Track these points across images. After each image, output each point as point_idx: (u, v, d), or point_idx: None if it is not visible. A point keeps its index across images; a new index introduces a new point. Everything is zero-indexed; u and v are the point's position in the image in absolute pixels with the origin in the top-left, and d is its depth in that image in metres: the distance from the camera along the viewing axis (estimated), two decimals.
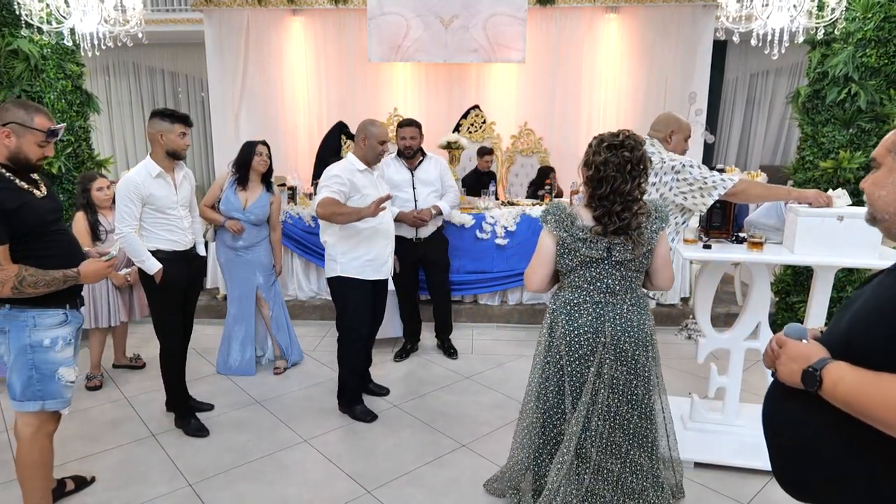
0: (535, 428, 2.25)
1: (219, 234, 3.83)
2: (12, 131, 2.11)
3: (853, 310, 1.11)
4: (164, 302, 3.03)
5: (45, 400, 2.20)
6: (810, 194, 2.66)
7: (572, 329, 2.10)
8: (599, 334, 2.08)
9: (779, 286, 4.49)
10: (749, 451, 2.78)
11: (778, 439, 1.18)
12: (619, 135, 2.01)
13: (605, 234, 2.01)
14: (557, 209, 2.10)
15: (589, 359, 2.09)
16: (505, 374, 3.91)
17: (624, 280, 2.08)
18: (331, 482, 2.74)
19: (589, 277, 2.08)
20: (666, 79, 6.67)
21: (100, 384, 3.73)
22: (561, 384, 2.17)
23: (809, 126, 4.27)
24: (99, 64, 8.76)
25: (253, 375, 3.91)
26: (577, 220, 2.05)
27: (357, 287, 3.20)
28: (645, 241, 2.04)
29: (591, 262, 2.06)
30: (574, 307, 2.11)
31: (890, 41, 3.87)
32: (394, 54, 6.23)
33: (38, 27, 3.86)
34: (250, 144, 3.75)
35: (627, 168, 1.97)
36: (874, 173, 1.17)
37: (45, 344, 2.17)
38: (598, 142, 2.02)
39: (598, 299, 2.09)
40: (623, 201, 1.98)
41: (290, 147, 7.06)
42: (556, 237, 2.08)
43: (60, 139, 4.35)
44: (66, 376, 2.23)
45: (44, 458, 2.31)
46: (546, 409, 2.22)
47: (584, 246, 2.02)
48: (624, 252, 2.03)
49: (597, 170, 1.99)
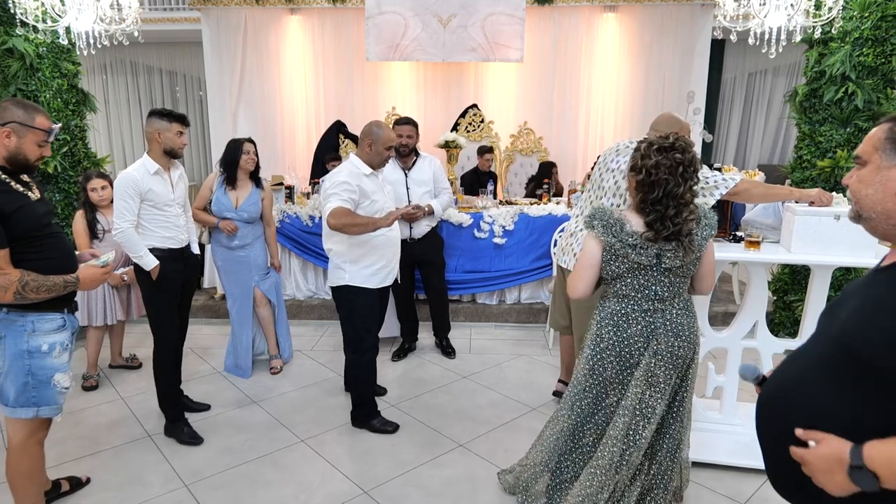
0: (565, 434, 2.23)
1: (213, 235, 3.82)
2: (12, 131, 2.07)
3: (843, 316, 1.10)
4: (160, 299, 3.02)
5: (39, 406, 2.15)
6: (813, 193, 2.65)
7: (621, 340, 2.05)
8: (651, 342, 2.03)
9: (776, 285, 4.49)
10: (746, 451, 2.78)
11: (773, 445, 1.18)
12: (669, 137, 1.96)
13: (657, 239, 1.95)
14: (604, 213, 2.03)
15: (637, 368, 2.06)
16: (503, 374, 3.91)
17: (672, 286, 2.03)
18: (328, 482, 2.73)
19: (636, 285, 2.02)
20: (664, 78, 6.67)
21: (96, 384, 3.72)
22: (600, 396, 2.14)
23: (807, 125, 4.27)
24: (96, 62, 8.75)
25: (247, 378, 3.89)
26: (625, 225, 1.99)
27: (365, 295, 3.09)
28: (695, 247, 2.00)
29: (639, 268, 1.99)
30: (622, 317, 2.05)
31: (887, 40, 3.87)
32: (392, 53, 6.22)
33: (33, 26, 3.85)
34: (236, 143, 3.72)
35: (679, 170, 1.92)
36: (859, 170, 1.16)
37: (44, 349, 2.12)
38: (647, 145, 1.96)
39: (647, 307, 2.04)
40: (676, 205, 1.93)
41: (288, 146, 7.05)
42: (604, 242, 2.01)
43: (56, 138, 4.34)
44: (62, 382, 2.18)
45: (34, 465, 2.25)
46: (580, 418, 2.20)
47: (633, 252, 1.96)
48: (674, 259, 1.98)
49: (648, 173, 1.92)
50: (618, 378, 2.09)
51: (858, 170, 1.16)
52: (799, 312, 4.15)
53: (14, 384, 2.11)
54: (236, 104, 6.85)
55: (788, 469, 1.13)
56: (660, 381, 2.07)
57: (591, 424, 2.19)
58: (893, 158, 1.09)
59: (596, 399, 2.16)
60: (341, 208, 2.86)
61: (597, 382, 2.13)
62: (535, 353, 4.28)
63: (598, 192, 2.91)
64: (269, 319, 3.97)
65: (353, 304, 3.10)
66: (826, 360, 1.10)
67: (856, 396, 1.04)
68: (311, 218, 4.86)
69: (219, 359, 4.14)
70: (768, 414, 1.19)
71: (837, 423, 1.05)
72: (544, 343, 4.45)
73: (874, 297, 1.05)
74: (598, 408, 2.16)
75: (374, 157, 3.02)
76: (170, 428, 3.12)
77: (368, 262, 3.05)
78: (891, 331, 0.98)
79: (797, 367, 1.17)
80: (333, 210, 2.86)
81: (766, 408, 1.20)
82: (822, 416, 1.07)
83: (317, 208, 4.92)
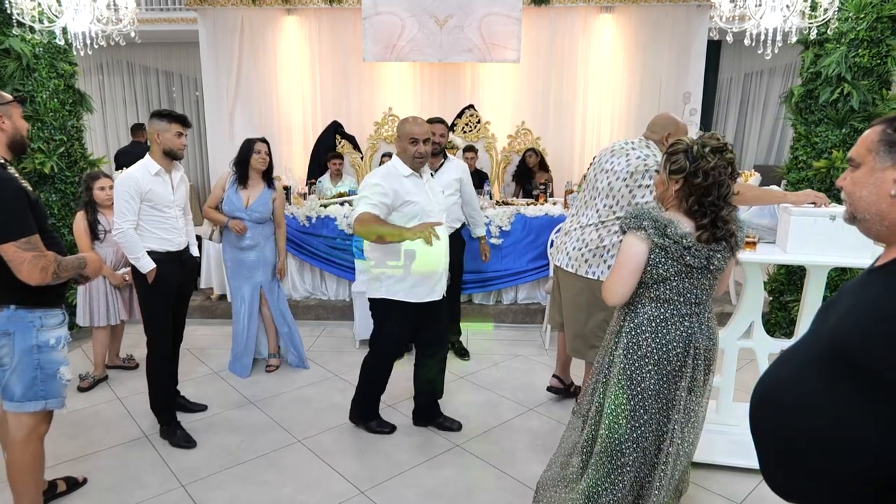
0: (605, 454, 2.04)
1: (225, 234, 3.82)
2: (3, 114, 2.11)
3: (836, 317, 1.10)
4: (155, 302, 3.02)
5: (47, 399, 2.21)
6: (810, 195, 2.67)
7: (660, 346, 1.96)
8: (689, 347, 1.98)
9: (772, 285, 4.50)
10: (742, 451, 2.78)
11: (766, 444, 1.18)
12: (713, 138, 1.92)
13: (711, 241, 1.91)
14: (649, 213, 1.93)
15: (677, 374, 1.98)
16: (499, 374, 3.91)
17: (710, 289, 2.00)
18: (324, 482, 2.73)
19: (681, 289, 1.95)
20: (660, 78, 6.69)
21: (89, 387, 3.70)
22: (639, 408, 2.00)
23: (803, 126, 4.29)
24: (93, 63, 8.73)
25: (245, 377, 3.89)
26: (675, 225, 1.92)
27: (402, 311, 2.88)
28: (738, 248, 1.99)
29: (688, 271, 1.94)
30: (661, 323, 1.97)
31: (882, 41, 3.89)
32: (388, 54, 6.22)
33: (29, 26, 3.84)
34: (249, 142, 3.72)
35: (729, 171, 1.90)
36: (853, 172, 1.17)
37: (51, 343, 2.19)
38: (699, 146, 1.89)
39: (686, 311, 1.97)
40: (727, 205, 1.91)
41: (285, 146, 7.05)
42: (653, 244, 1.91)
43: (53, 139, 4.33)
44: (66, 375, 2.26)
45: (35, 461, 2.29)
46: (619, 437, 2.02)
47: (688, 254, 1.90)
48: (722, 260, 1.95)
49: (706, 176, 1.87)
50: (657, 386, 1.98)
51: (852, 172, 1.17)
52: (795, 312, 4.16)
53: (22, 380, 2.15)
54: (233, 104, 6.84)
55: (783, 467, 1.13)
56: (699, 384, 2.03)
57: (629, 442, 2.02)
58: (887, 160, 1.10)
59: (634, 412, 2.00)
60: (367, 214, 2.67)
61: (635, 393, 2.01)
62: (532, 353, 4.28)
63: (591, 192, 2.91)
64: (269, 318, 3.98)
65: (385, 318, 2.92)
66: (818, 359, 1.10)
67: (846, 397, 1.05)
68: (307, 218, 4.86)
69: (216, 359, 4.14)
70: (762, 413, 1.20)
71: (827, 425, 1.05)
72: (541, 343, 4.46)
73: (867, 297, 1.06)
74: (638, 424, 2.00)
75: (404, 155, 2.83)
76: (164, 430, 3.12)
77: (406, 273, 2.81)
78: (882, 332, 0.99)
79: (790, 366, 1.17)
80: (359, 216, 2.69)
81: (759, 406, 1.21)
82: (814, 416, 1.07)
83: (313, 209, 4.92)
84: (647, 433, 2.00)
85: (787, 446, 1.12)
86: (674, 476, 2.05)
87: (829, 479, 1.07)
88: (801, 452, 1.10)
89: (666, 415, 2.01)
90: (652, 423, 2.00)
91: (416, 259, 2.80)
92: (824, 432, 1.06)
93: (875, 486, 1.02)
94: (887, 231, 1.12)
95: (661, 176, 1.99)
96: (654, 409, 1.99)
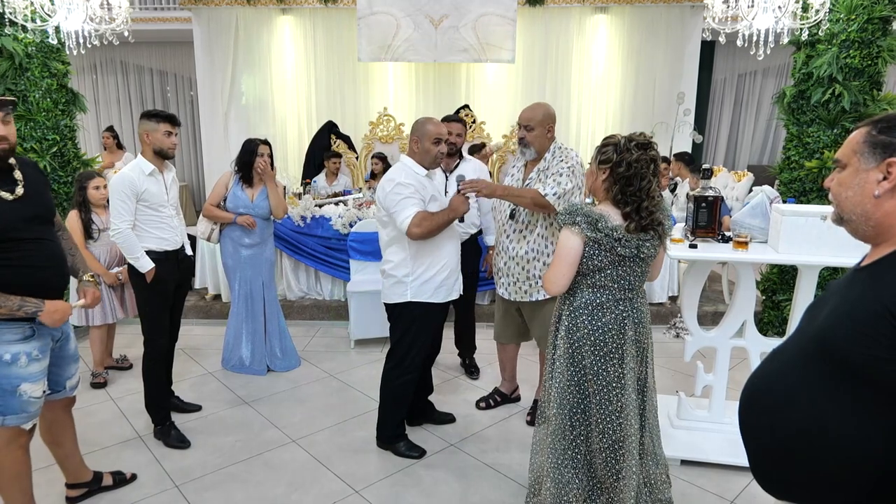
0: (559, 432, 2.20)
1: (224, 233, 3.82)
2: None
3: (822, 315, 1.12)
4: (153, 301, 3.02)
5: (5, 416, 2.07)
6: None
7: (596, 328, 2.11)
8: (624, 330, 2.12)
9: (765, 285, 4.53)
10: (735, 449, 2.79)
11: (755, 441, 1.20)
12: (640, 135, 2.09)
13: (636, 230, 2.05)
14: (580, 209, 2.07)
15: (613, 356, 2.11)
16: (493, 372, 3.92)
17: (642, 276, 2.15)
18: (319, 482, 2.73)
19: (615, 276, 2.10)
20: (654, 79, 6.72)
21: (104, 381, 3.73)
22: (583, 385, 2.16)
23: (794, 126, 4.32)
24: (86, 62, 8.70)
25: (263, 375, 3.89)
26: (607, 219, 2.05)
27: (428, 315, 2.82)
28: (667, 236, 2.15)
29: (620, 260, 2.08)
30: (596, 307, 2.11)
31: (873, 42, 3.92)
32: (383, 54, 6.22)
33: (22, 25, 3.82)
34: (251, 143, 3.73)
35: (652, 167, 2.06)
36: (839, 174, 1.18)
37: (6, 359, 2.03)
38: (626, 140, 2.06)
39: (620, 296, 2.12)
40: (648, 197, 2.06)
41: (280, 146, 7.04)
42: (587, 238, 2.05)
43: (45, 138, 4.32)
44: (30, 392, 2.10)
45: (18, 468, 2.20)
46: (569, 412, 2.19)
47: (618, 245, 2.04)
48: (651, 248, 2.10)
49: (629, 166, 2.03)
50: (596, 366, 2.12)
51: (839, 173, 1.19)
52: (787, 312, 4.19)
53: None
54: (227, 104, 6.83)
55: (771, 464, 1.15)
56: (635, 371, 2.18)
57: (579, 415, 2.19)
58: (871, 161, 1.11)
59: (579, 389, 2.17)
60: (421, 213, 2.63)
61: (576, 372, 2.17)
62: (526, 352, 4.29)
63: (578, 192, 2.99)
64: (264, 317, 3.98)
65: (410, 325, 2.82)
66: (805, 357, 1.12)
67: (832, 394, 1.06)
68: (302, 218, 4.86)
69: (210, 359, 4.14)
70: (750, 410, 1.21)
71: (813, 422, 1.06)
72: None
73: (851, 297, 1.08)
74: (582, 398, 2.18)
75: (424, 155, 2.77)
76: (158, 431, 3.11)
77: (433, 272, 2.77)
78: (864, 332, 1.00)
79: (778, 364, 1.19)
80: (414, 219, 2.61)
81: (748, 403, 1.22)
82: (800, 412, 1.09)
83: (308, 208, 4.92)
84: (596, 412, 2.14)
85: (774, 442, 1.13)
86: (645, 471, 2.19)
87: (815, 474, 1.08)
88: (789, 448, 1.11)
89: (615, 394, 2.13)
90: (600, 401, 2.14)
91: (442, 255, 2.79)
92: (811, 429, 1.07)
93: (860, 481, 1.04)
94: (873, 231, 1.13)
95: (592, 166, 2.15)
96: (596, 387, 2.13)
